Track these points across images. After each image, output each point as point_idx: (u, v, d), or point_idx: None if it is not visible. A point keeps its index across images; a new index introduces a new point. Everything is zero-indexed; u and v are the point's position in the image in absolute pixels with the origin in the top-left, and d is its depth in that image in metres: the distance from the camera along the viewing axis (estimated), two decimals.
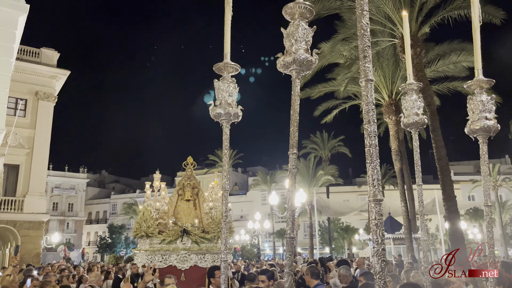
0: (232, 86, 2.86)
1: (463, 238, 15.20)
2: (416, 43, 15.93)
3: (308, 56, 2.33)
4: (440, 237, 31.73)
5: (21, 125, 22.00)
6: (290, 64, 2.32)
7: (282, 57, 2.37)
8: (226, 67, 2.84)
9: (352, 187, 52.23)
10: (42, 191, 23.80)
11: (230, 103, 2.83)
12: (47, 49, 25.04)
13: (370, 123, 1.88)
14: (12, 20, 13.37)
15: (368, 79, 1.93)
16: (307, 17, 2.36)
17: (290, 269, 2.27)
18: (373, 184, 1.82)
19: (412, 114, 3.48)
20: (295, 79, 2.35)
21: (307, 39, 2.34)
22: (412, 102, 3.50)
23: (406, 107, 3.52)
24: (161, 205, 8.77)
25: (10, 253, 21.54)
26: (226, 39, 2.81)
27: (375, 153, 1.87)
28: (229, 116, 2.81)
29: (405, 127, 3.55)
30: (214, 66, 2.83)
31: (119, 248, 48.93)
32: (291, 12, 2.37)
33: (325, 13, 17.36)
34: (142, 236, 8.22)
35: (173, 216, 8.88)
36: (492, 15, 15.67)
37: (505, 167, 45.01)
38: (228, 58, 2.82)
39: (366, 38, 1.95)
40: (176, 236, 8.24)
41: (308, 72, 2.43)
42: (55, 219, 54.77)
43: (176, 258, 8.07)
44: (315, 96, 25.53)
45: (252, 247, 41.96)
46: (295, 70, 2.33)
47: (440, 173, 14.54)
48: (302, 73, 2.39)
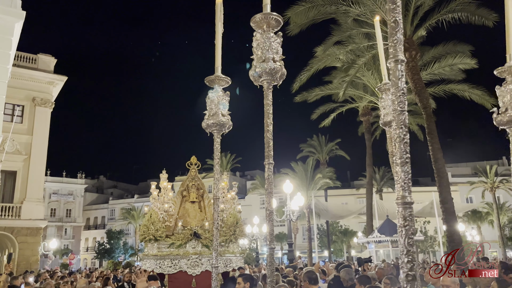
0: (224, 98, 2.94)
1: (460, 240, 15.25)
2: (411, 46, 16.03)
3: (278, 66, 2.37)
4: (439, 239, 31.70)
5: (18, 131, 21.95)
6: (260, 75, 2.38)
7: (252, 69, 2.42)
8: (217, 79, 2.91)
9: (350, 190, 52.22)
10: (39, 197, 23.71)
11: (223, 114, 2.91)
12: (44, 55, 25.04)
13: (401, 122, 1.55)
14: (9, 26, 13.39)
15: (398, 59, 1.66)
16: (275, 26, 2.41)
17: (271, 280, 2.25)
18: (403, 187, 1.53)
19: (390, 113, 3.47)
20: (267, 89, 2.39)
21: (276, 49, 2.39)
22: (390, 101, 3.50)
23: (384, 106, 3.53)
24: (169, 206, 8.31)
25: (4, 261, 21.45)
26: (217, 53, 2.90)
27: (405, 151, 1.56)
28: (220, 126, 2.89)
29: (384, 125, 3.55)
30: (205, 79, 2.92)
31: (117, 253, 48.70)
32: (259, 23, 2.41)
33: (321, 18, 17.48)
34: (150, 240, 7.79)
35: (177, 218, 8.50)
36: (484, 17, 15.81)
37: (502, 169, 45.10)
38: (219, 71, 2.90)
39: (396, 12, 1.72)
40: (186, 239, 7.83)
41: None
42: (53, 225, 54.50)
43: (186, 263, 7.65)
44: (312, 100, 25.61)
45: (251, 251, 41.83)
46: (266, 80, 2.37)
47: (437, 175, 14.61)
48: (274, 83, 2.42)
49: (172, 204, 8.42)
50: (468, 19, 16.19)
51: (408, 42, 16.08)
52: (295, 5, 16.91)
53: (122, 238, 50.62)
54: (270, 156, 2.35)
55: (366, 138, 29.21)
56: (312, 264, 22.51)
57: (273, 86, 2.43)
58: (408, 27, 16.36)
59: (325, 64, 21.38)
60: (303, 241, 45.09)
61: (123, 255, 48.89)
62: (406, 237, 1.48)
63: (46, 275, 13.75)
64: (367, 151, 29.51)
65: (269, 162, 2.34)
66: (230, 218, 8.30)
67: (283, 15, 17.22)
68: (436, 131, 15.19)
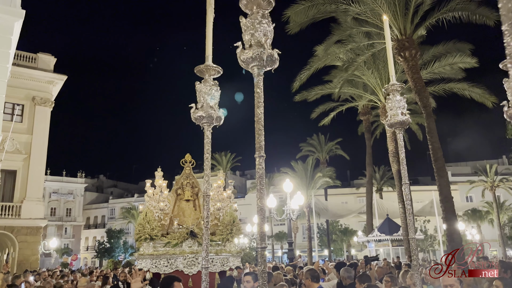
0: (214, 89, 2.78)
1: (460, 239, 15.24)
2: (412, 45, 16.01)
3: (270, 51, 2.19)
4: (439, 238, 31.72)
5: (18, 130, 21.95)
6: (251, 60, 2.18)
7: (242, 52, 2.21)
8: (207, 69, 2.75)
9: (350, 189, 52.25)
10: (39, 196, 23.70)
11: (212, 106, 2.75)
12: (44, 54, 25.01)
13: None
14: (8, 26, 13.35)
15: None
16: (266, 8, 2.22)
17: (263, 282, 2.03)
18: None
19: (396, 114, 3.53)
20: (257, 75, 2.19)
21: (267, 32, 2.20)
22: (397, 102, 3.56)
23: (390, 107, 3.59)
24: (165, 205, 8.17)
25: (3, 260, 21.47)
26: (208, 41, 2.76)
27: None
28: (211, 119, 2.74)
29: (390, 127, 3.59)
30: (195, 68, 2.77)
31: (117, 252, 48.71)
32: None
33: (321, 17, 17.45)
34: (145, 239, 7.65)
35: (172, 217, 8.33)
36: (485, 16, 15.78)
37: (502, 168, 45.12)
38: (210, 61, 2.75)
39: None
40: (182, 238, 7.72)
41: (273, 67, 2.23)
42: (53, 224, 54.52)
43: (182, 263, 7.56)
44: (312, 99, 25.58)
45: (251, 251, 41.84)
46: (256, 66, 2.17)
47: (437, 174, 14.59)
48: (265, 69, 2.22)
49: (167, 203, 8.28)
50: (469, 18, 16.17)
51: (408, 41, 16.05)
52: (295, 4, 16.89)
53: (122, 237, 50.63)
54: (261, 148, 2.14)
55: (366, 137, 29.20)
56: (312, 263, 22.51)
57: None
58: (408, 26, 16.34)
59: (325, 63, 21.35)
60: (303, 240, 45.11)
61: (123, 254, 48.90)
62: None
63: (46, 274, 13.75)
64: (367, 150, 29.50)
65: (260, 155, 2.13)
66: (227, 216, 8.21)
67: (283, 14, 17.21)
68: (436, 130, 15.17)
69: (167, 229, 8.18)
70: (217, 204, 8.35)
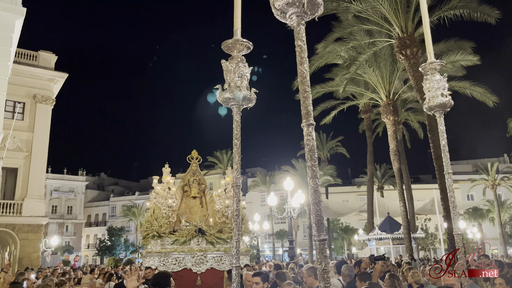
0: (243, 66, 2.45)
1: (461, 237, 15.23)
2: (413, 43, 15.99)
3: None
4: (440, 236, 31.72)
5: (19, 128, 21.98)
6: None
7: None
8: (235, 44, 2.41)
9: (351, 187, 52.24)
10: (41, 194, 23.75)
11: (239, 86, 2.43)
12: (45, 52, 25.01)
13: None
14: (9, 23, 13.35)
15: None
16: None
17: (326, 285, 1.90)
18: None
19: (436, 96, 3.13)
20: (297, 25, 2.01)
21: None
22: (436, 82, 3.17)
23: (429, 89, 3.19)
24: (173, 201, 8.02)
25: (6, 258, 21.53)
26: (236, 13, 2.43)
27: None
28: (239, 100, 2.43)
29: (429, 110, 3.22)
30: (222, 44, 2.45)
31: (118, 250, 48.84)
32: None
33: (321, 14, 17.41)
34: (153, 236, 7.48)
35: (179, 214, 8.25)
36: (487, 14, 15.74)
37: (503, 166, 45.04)
38: (239, 35, 2.42)
39: None
40: (190, 236, 7.52)
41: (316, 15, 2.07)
42: (54, 222, 54.64)
43: (191, 261, 7.34)
44: (313, 97, 25.52)
45: (251, 248, 41.99)
46: (295, 14, 2.01)
47: (438, 172, 14.58)
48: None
49: (175, 200, 8.16)
50: (470, 16, 16.12)
51: (410, 39, 16.03)
52: None
53: (123, 235, 50.76)
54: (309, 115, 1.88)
55: (367, 136, 29.17)
56: (313, 261, 22.52)
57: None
58: (409, 24, 16.31)
59: (326, 61, 21.30)
60: (304, 238, 45.17)
61: (124, 252, 49.01)
62: None
63: (47, 271, 13.78)
64: (368, 148, 29.48)
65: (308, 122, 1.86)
66: None
67: None
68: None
69: (173, 227, 8.04)
70: (225, 202, 8.18)
